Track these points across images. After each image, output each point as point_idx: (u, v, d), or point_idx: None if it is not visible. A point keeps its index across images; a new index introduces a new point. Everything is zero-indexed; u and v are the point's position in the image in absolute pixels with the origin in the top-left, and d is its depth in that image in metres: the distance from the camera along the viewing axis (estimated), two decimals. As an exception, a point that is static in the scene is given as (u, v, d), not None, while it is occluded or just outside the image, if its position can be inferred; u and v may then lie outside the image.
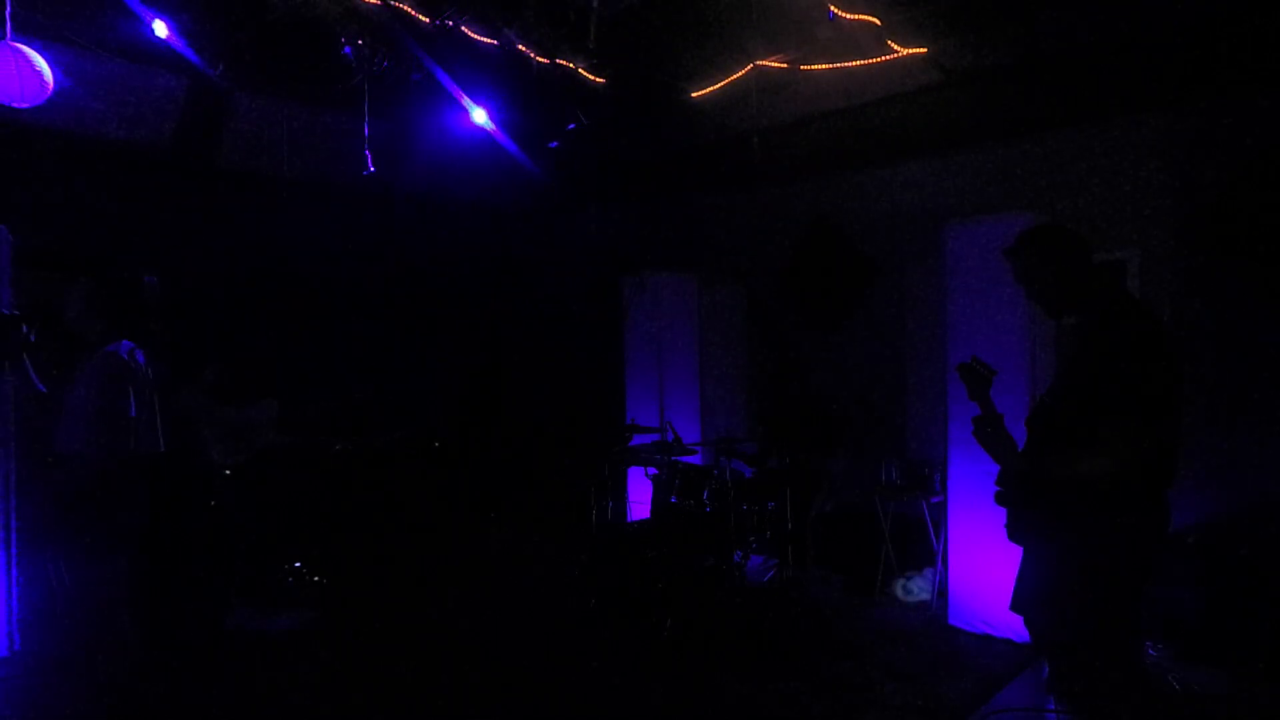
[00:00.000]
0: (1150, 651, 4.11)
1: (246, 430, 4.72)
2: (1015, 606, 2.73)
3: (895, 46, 5.13)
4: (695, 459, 5.33)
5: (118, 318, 3.25)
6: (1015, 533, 2.67)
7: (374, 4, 4.77)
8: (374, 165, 6.92)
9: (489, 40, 5.21)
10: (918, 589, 5.12)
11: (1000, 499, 2.67)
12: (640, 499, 6.46)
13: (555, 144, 5.69)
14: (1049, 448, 2.51)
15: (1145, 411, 2.33)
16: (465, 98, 6.04)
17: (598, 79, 5.77)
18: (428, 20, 4.94)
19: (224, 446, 4.67)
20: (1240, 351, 4.46)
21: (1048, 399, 2.70)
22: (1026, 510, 2.60)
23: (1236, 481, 4.40)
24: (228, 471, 4.70)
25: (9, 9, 4.33)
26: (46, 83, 5.10)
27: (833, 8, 4.75)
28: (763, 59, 5.54)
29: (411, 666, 4.28)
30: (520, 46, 5.30)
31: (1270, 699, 3.72)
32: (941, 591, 4.84)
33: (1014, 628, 4.36)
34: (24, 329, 3.51)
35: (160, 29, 4.92)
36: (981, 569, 4.52)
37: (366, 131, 6.56)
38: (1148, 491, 2.43)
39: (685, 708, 3.75)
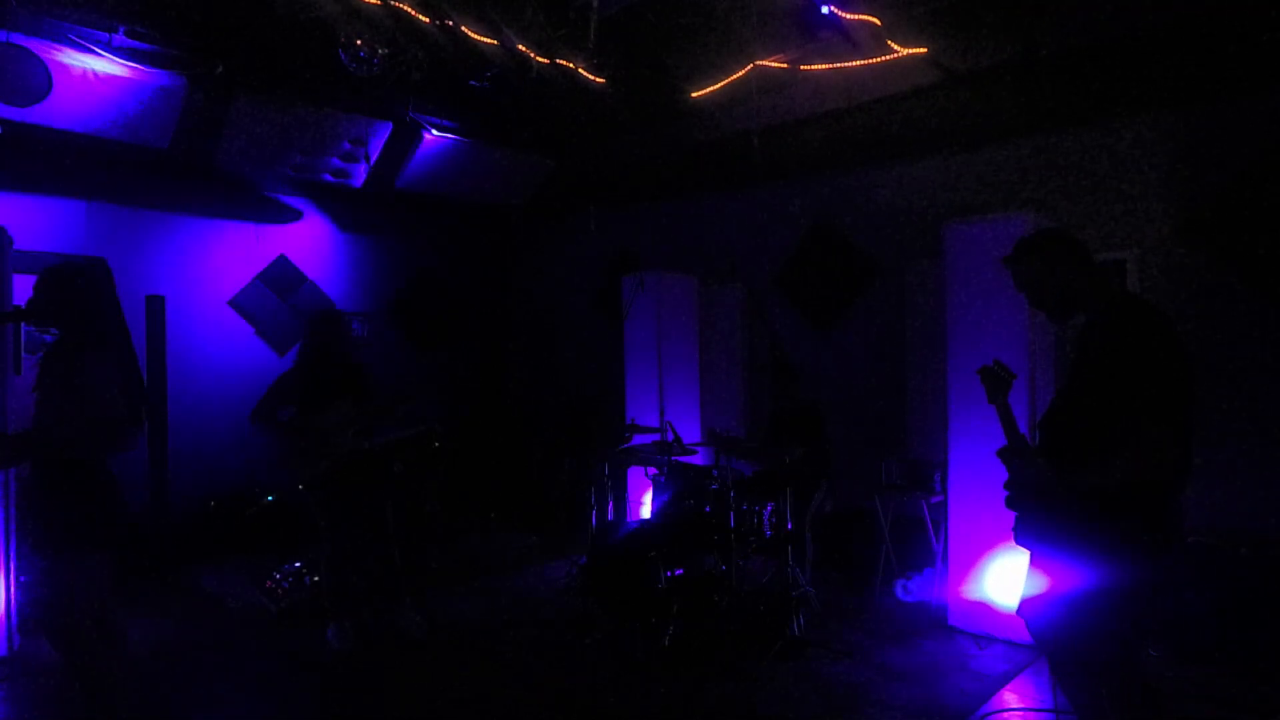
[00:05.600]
0: (1151, 652, 4.11)
1: (322, 437, 4.27)
2: (1022, 611, 2.72)
3: (895, 46, 5.13)
4: (695, 459, 5.33)
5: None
6: (1023, 536, 2.65)
7: (374, 4, 4.76)
8: (374, 165, 6.94)
9: (489, 40, 5.21)
10: (918, 589, 5.12)
11: (1011, 503, 2.65)
12: (640, 499, 6.46)
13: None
14: (1069, 453, 2.48)
15: (1174, 413, 2.31)
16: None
17: (598, 79, 5.77)
18: (428, 20, 4.94)
19: (299, 460, 4.25)
20: (1239, 351, 4.45)
21: (1059, 402, 2.69)
22: (1041, 514, 2.57)
23: (1237, 482, 4.40)
24: (300, 487, 4.30)
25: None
26: (47, 83, 5.12)
27: (833, 7, 4.75)
28: (763, 59, 5.54)
29: (411, 667, 4.28)
30: (520, 46, 5.30)
31: (1270, 699, 3.72)
32: (941, 592, 4.84)
33: (1014, 628, 4.36)
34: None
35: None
36: (982, 569, 4.52)
37: (367, 132, 6.57)
38: (1165, 494, 2.41)
39: (684, 708, 3.74)
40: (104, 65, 5.16)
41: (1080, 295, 2.62)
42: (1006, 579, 4.38)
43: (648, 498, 5.90)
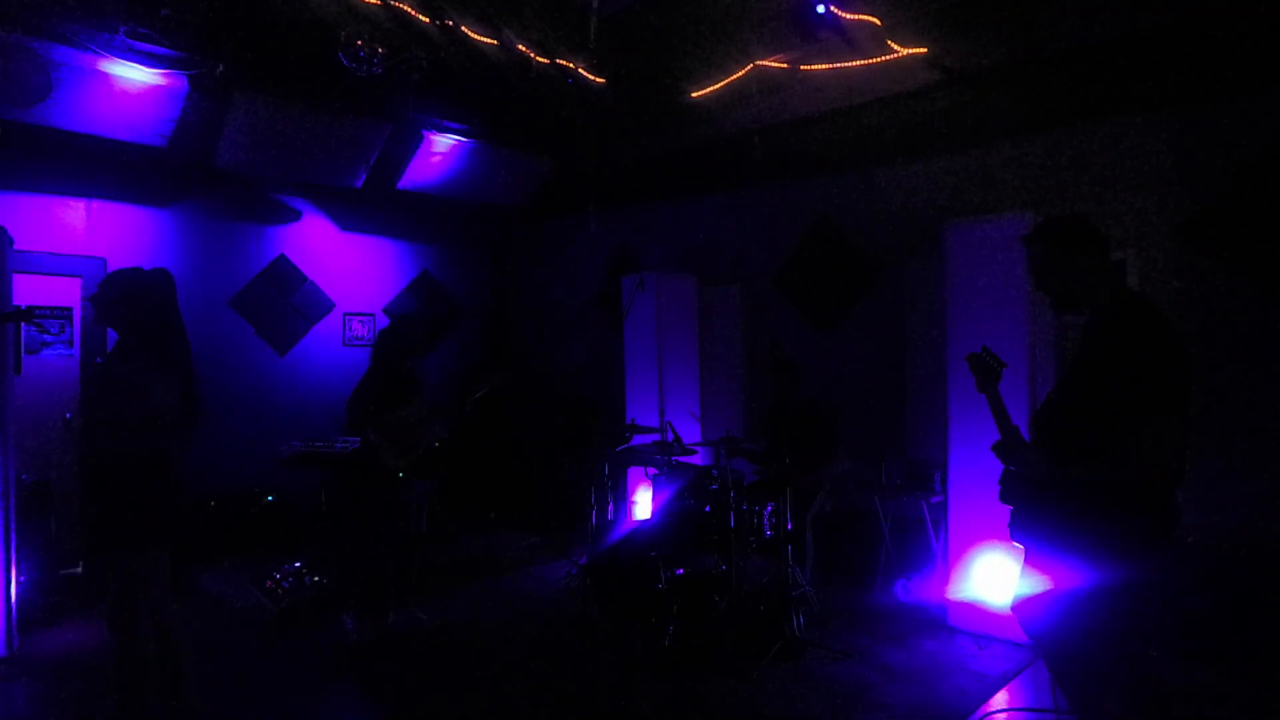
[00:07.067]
0: (1151, 653, 4.11)
1: (409, 430, 4.67)
2: (1017, 611, 2.72)
3: (895, 46, 5.13)
4: (695, 459, 5.33)
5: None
6: (1018, 531, 2.65)
7: (374, 4, 4.76)
8: (374, 166, 6.93)
9: (489, 40, 5.21)
10: (917, 589, 5.12)
11: (1004, 496, 2.65)
12: (640, 499, 6.46)
13: None
14: (1069, 448, 2.48)
15: (1176, 411, 2.32)
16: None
17: (598, 79, 5.77)
18: (428, 20, 4.94)
19: (394, 449, 4.64)
20: (1239, 352, 4.45)
21: (1056, 396, 2.68)
22: (1036, 509, 2.57)
23: (1236, 482, 4.40)
24: (401, 475, 4.67)
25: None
26: (48, 84, 5.12)
27: (832, 7, 4.75)
28: (763, 59, 5.53)
29: (411, 666, 4.28)
30: (520, 46, 5.30)
31: (1270, 699, 3.72)
32: (941, 592, 4.84)
33: (1014, 628, 4.36)
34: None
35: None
36: (982, 569, 4.52)
37: (367, 132, 6.56)
38: (1164, 489, 2.41)
39: (684, 708, 3.74)
40: (105, 65, 5.16)
41: (1087, 289, 2.59)
42: (1006, 579, 4.37)
43: (647, 497, 5.90)
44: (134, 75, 5.30)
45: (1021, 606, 2.68)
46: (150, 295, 3.26)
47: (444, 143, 6.96)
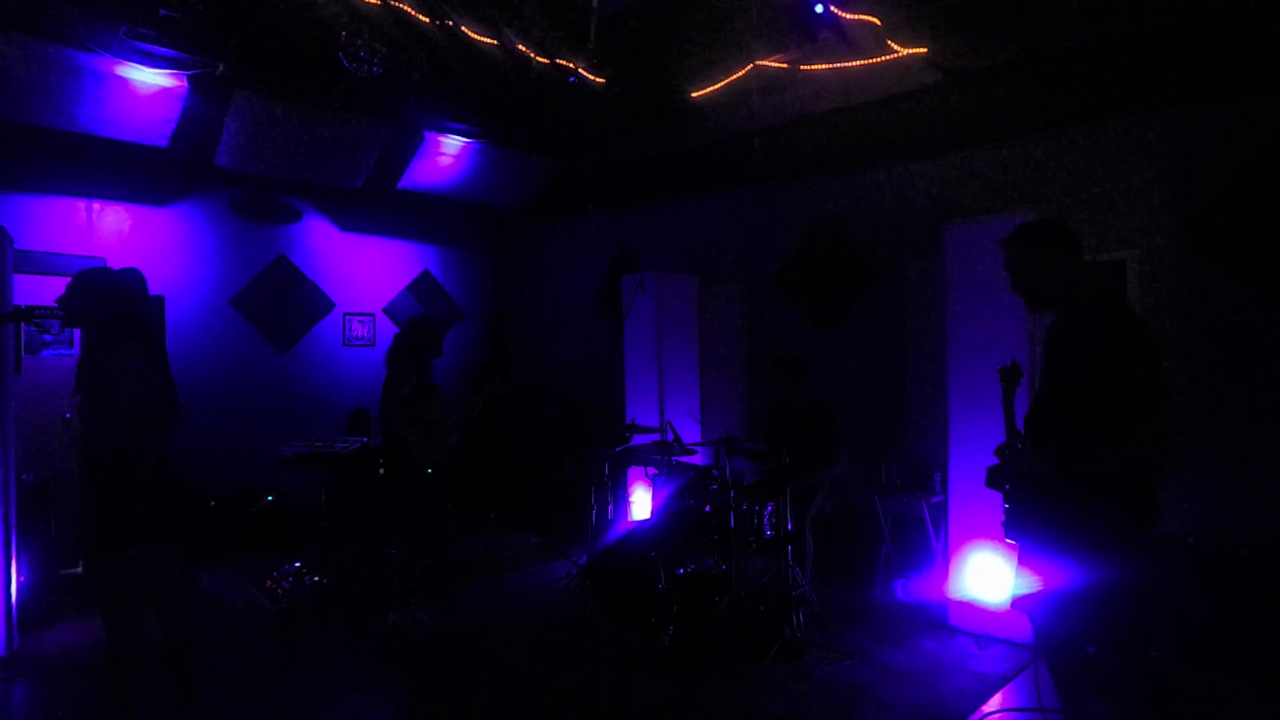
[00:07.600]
0: (1151, 652, 4.10)
1: (437, 428, 4.84)
2: (1021, 606, 2.73)
3: (895, 46, 5.13)
4: (695, 459, 5.32)
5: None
6: (1013, 530, 2.68)
7: (374, 4, 4.76)
8: (374, 166, 6.94)
9: (489, 40, 5.21)
10: (917, 589, 5.12)
11: (1008, 496, 2.68)
12: (640, 499, 6.46)
13: None
14: (1064, 448, 2.51)
15: (1164, 406, 2.38)
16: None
17: (598, 79, 5.77)
18: (428, 20, 4.94)
19: (424, 446, 4.80)
20: (1239, 352, 4.45)
21: (1046, 398, 2.71)
22: (1035, 508, 2.60)
23: (1236, 482, 4.40)
24: (430, 470, 4.83)
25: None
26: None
27: (832, 7, 4.75)
28: (763, 59, 5.54)
29: (410, 667, 4.28)
30: (520, 46, 5.30)
31: (1270, 699, 3.72)
32: (941, 592, 4.83)
33: (1014, 628, 4.37)
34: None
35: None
36: (982, 569, 4.52)
37: (367, 132, 6.56)
38: (1153, 482, 2.46)
39: (684, 708, 3.74)
40: (105, 65, 5.16)
41: (1060, 291, 2.69)
42: (1006, 578, 4.37)
43: (647, 497, 5.90)
44: (134, 75, 5.30)
45: (1024, 600, 2.71)
46: (122, 293, 3.20)
47: (444, 143, 6.96)
